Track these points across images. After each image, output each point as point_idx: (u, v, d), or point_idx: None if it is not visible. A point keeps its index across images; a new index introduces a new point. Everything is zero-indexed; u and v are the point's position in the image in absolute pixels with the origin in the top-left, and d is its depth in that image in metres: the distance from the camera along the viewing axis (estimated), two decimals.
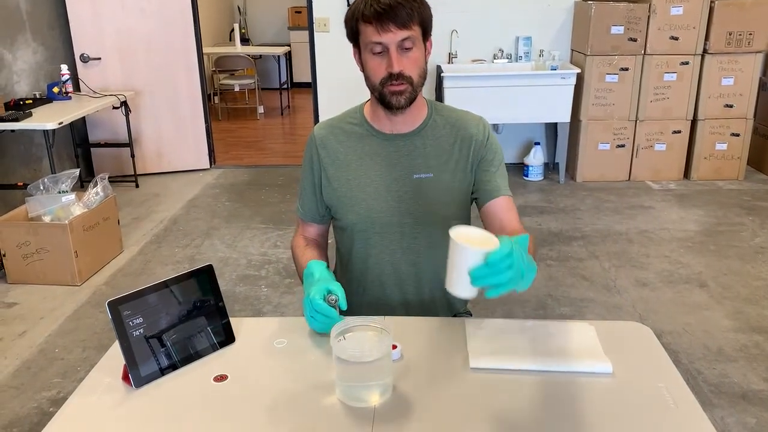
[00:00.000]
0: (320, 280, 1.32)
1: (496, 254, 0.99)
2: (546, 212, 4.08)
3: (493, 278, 1.00)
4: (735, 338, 2.63)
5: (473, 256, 1.00)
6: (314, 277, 1.34)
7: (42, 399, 2.36)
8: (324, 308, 1.24)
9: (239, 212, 4.19)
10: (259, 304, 3.00)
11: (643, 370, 1.20)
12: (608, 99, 4.47)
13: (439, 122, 1.49)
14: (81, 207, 3.30)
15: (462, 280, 1.02)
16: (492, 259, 0.99)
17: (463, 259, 1.02)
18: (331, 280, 1.32)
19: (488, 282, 1.00)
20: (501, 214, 1.45)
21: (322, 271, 1.36)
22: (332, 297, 1.26)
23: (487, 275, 1.00)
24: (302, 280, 1.43)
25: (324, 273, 1.35)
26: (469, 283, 1.01)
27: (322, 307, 1.24)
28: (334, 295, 1.27)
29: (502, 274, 0.99)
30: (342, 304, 1.27)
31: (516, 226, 1.44)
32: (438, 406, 1.09)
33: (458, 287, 1.04)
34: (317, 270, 1.36)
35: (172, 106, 4.94)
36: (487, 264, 1.00)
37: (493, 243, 1.02)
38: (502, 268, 0.99)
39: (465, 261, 1.01)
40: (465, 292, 1.04)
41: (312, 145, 1.52)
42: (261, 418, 1.08)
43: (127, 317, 1.19)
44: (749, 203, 4.16)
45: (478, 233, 1.08)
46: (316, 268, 1.37)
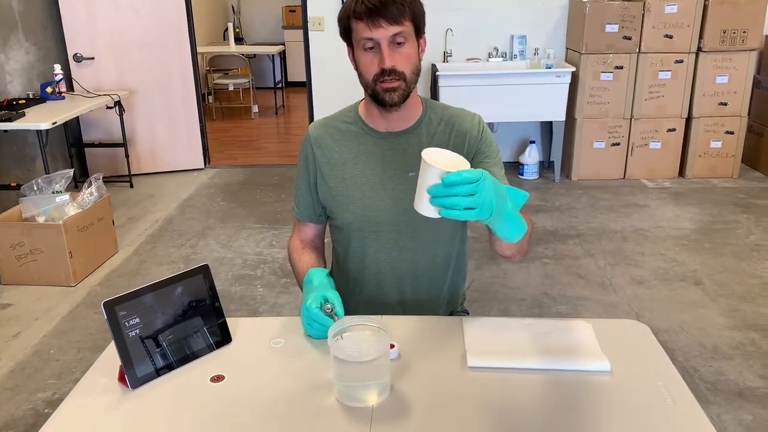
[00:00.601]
0: (318, 287, 1.32)
1: (454, 175, 0.99)
2: (541, 211, 4.08)
3: (447, 200, 1.00)
4: (731, 336, 2.64)
5: (433, 173, 1.01)
6: (313, 284, 1.34)
7: (37, 400, 2.34)
8: (319, 317, 1.24)
9: (234, 212, 4.18)
10: (255, 304, 2.99)
11: (641, 367, 1.20)
12: (603, 97, 4.48)
13: (434, 119, 1.49)
14: (75, 207, 3.28)
15: (423, 198, 1.03)
16: (448, 180, 0.99)
17: (424, 177, 1.02)
18: (329, 288, 1.32)
19: (443, 203, 1.00)
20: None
21: (321, 279, 1.35)
22: (328, 306, 1.25)
23: (442, 195, 1.00)
24: (301, 286, 1.43)
25: (323, 280, 1.35)
26: (428, 202, 1.02)
27: (318, 316, 1.25)
28: (330, 303, 1.26)
29: (458, 198, 0.99)
30: (339, 312, 1.25)
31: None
32: (436, 405, 1.09)
33: (420, 205, 1.05)
34: (316, 277, 1.36)
35: (166, 106, 4.92)
36: (444, 184, 0.99)
37: (461, 166, 1.01)
38: (459, 191, 0.99)
39: (425, 177, 1.02)
40: (426, 212, 1.04)
41: (307, 143, 1.52)
42: (258, 418, 1.07)
43: (123, 318, 1.18)
44: (744, 201, 4.17)
45: (450, 156, 1.07)
46: (315, 275, 1.36)
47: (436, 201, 1.01)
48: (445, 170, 0.99)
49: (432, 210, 1.03)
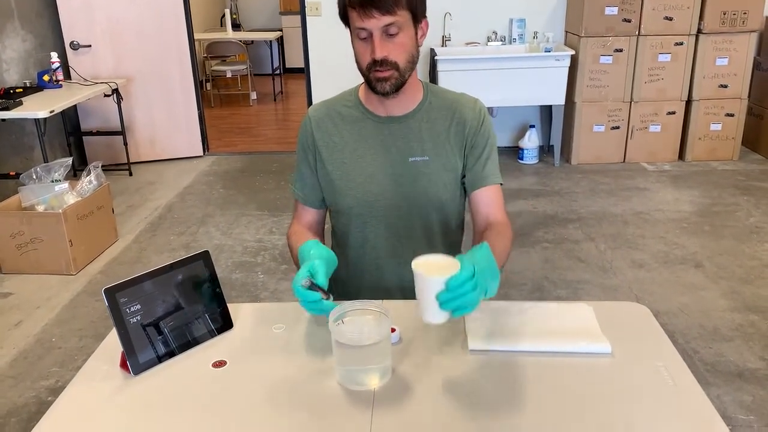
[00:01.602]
0: (307, 259, 1.24)
1: (456, 278, 1.02)
2: (541, 195, 4.07)
3: (457, 301, 1.03)
4: (731, 318, 2.65)
5: (435, 284, 1.04)
6: (304, 257, 1.26)
7: (40, 388, 2.35)
8: (303, 294, 1.17)
9: (234, 199, 4.17)
10: (255, 291, 2.99)
11: (641, 349, 1.20)
12: (603, 80, 4.46)
13: (435, 104, 1.48)
14: (74, 196, 3.28)
15: (430, 308, 1.06)
16: (453, 284, 1.02)
17: (426, 289, 1.05)
18: (316, 257, 1.23)
19: (454, 305, 1.03)
20: (487, 206, 1.46)
21: (313, 250, 1.26)
22: (305, 281, 1.17)
23: (451, 299, 1.03)
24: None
25: (314, 251, 1.26)
26: (438, 310, 1.05)
27: (302, 294, 1.17)
28: (308, 278, 1.17)
29: (466, 296, 1.03)
30: (320, 281, 1.18)
31: (500, 218, 1.45)
32: (437, 389, 1.09)
33: (428, 315, 1.07)
34: (307, 249, 1.27)
35: (164, 93, 4.90)
36: (449, 289, 1.03)
37: (454, 268, 1.05)
38: (465, 291, 1.02)
39: (428, 290, 1.05)
40: (436, 318, 1.07)
41: (307, 126, 1.50)
42: (260, 402, 1.08)
43: (123, 304, 1.18)
44: (744, 183, 4.17)
45: (439, 259, 1.10)
46: (309, 247, 1.28)
47: (448, 306, 1.04)
48: (445, 278, 1.03)
49: (443, 315, 1.06)
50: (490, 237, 1.36)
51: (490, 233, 1.39)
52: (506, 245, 1.37)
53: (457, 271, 1.03)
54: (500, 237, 1.37)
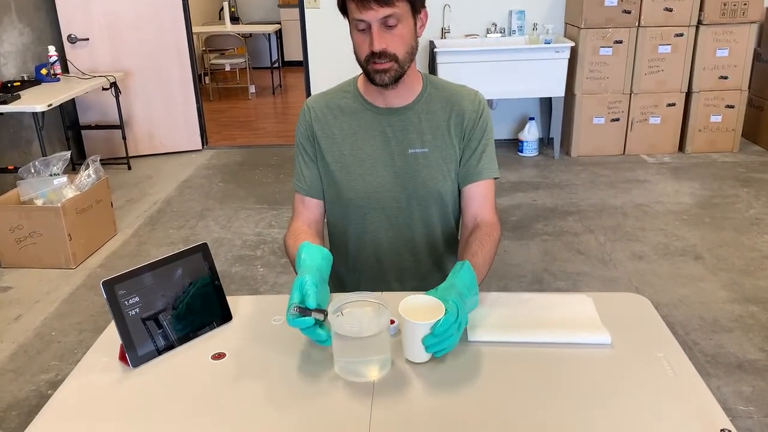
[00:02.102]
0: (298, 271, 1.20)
1: (442, 325, 1.07)
2: (541, 187, 4.07)
3: (442, 344, 1.09)
4: (731, 309, 2.65)
5: (422, 328, 1.09)
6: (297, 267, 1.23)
7: (40, 382, 2.35)
8: (295, 323, 1.10)
9: (233, 193, 4.17)
10: (255, 284, 2.99)
11: (641, 340, 1.20)
12: (602, 72, 4.45)
13: (434, 96, 1.47)
14: (73, 190, 3.27)
15: (416, 349, 1.11)
16: (439, 330, 1.07)
17: (412, 333, 1.11)
18: (306, 271, 1.17)
19: (438, 348, 1.09)
20: (477, 202, 1.47)
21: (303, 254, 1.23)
22: (293, 310, 1.10)
23: (436, 343, 1.08)
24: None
25: (306, 255, 1.22)
26: (423, 351, 1.11)
27: (295, 323, 1.10)
28: (295, 306, 1.11)
29: (451, 339, 1.09)
30: (309, 304, 1.12)
31: (488, 218, 1.45)
32: (437, 380, 1.09)
33: (413, 355, 1.13)
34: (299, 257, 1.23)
35: (162, 87, 4.88)
36: (434, 334, 1.08)
37: (439, 311, 1.09)
38: (450, 334, 1.08)
39: (414, 334, 1.10)
40: (420, 359, 1.13)
41: (306, 117, 1.49)
42: (260, 395, 1.08)
43: (122, 297, 1.18)
44: (744, 175, 4.16)
45: (425, 301, 1.14)
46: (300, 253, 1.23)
47: (433, 349, 1.09)
48: (431, 323, 1.08)
49: (425, 356, 1.12)
50: (474, 244, 1.36)
51: (475, 239, 1.38)
52: (490, 252, 1.37)
53: (443, 317, 1.08)
54: (485, 243, 1.36)
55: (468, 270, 1.19)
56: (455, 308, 1.10)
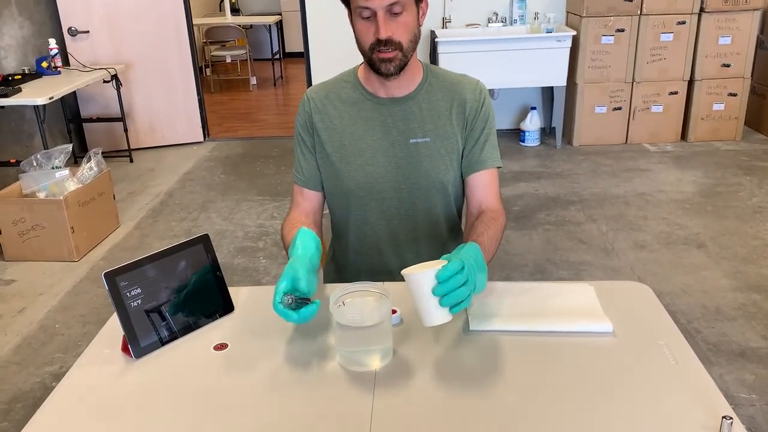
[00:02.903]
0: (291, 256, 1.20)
1: (445, 270, 1.03)
2: (543, 177, 4.06)
3: (451, 295, 1.04)
4: (733, 297, 2.64)
5: (426, 279, 1.04)
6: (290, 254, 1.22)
7: (44, 374, 2.37)
8: (285, 314, 1.11)
9: (235, 185, 4.17)
10: (258, 276, 3.00)
11: (643, 328, 1.19)
12: (604, 61, 4.43)
13: (435, 85, 1.46)
14: (75, 182, 3.28)
15: (430, 307, 1.05)
16: (442, 276, 1.03)
17: (419, 287, 1.05)
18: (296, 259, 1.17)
19: (450, 298, 1.04)
20: (481, 191, 1.46)
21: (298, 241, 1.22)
22: (287, 299, 1.11)
23: (446, 291, 1.03)
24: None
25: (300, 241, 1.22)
26: (437, 307, 1.05)
27: (282, 312, 1.11)
28: (289, 295, 1.12)
29: (459, 290, 1.04)
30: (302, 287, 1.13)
31: (493, 204, 1.45)
32: (438, 369, 1.09)
33: (429, 316, 1.06)
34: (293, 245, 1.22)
35: (163, 79, 4.87)
36: (440, 282, 1.03)
37: (442, 264, 1.06)
38: (457, 283, 1.03)
39: (421, 287, 1.05)
40: (439, 319, 1.06)
41: (306, 107, 1.49)
42: (262, 385, 1.08)
43: (124, 288, 1.18)
44: (747, 163, 4.15)
45: (426, 263, 1.11)
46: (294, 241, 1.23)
47: (445, 300, 1.04)
48: (436, 269, 1.04)
49: (441, 315, 1.06)
50: (479, 227, 1.36)
51: (480, 222, 1.38)
52: (496, 234, 1.36)
53: (445, 264, 1.04)
54: (490, 226, 1.36)
55: (473, 246, 1.15)
56: (459, 260, 1.05)
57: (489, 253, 1.29)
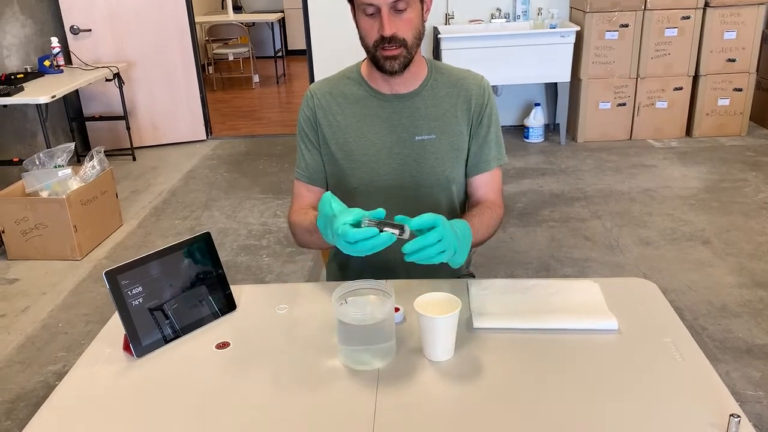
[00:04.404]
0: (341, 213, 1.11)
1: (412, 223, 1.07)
2: (547, 174, 4.04)
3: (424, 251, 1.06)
4: (739, 294, 2.63)
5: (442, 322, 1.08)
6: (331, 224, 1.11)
7: (48, 373, 2.36)
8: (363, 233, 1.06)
9: (238, 183, 4.16)
10: (261, 274, 2.99)
11: (648, 325, 1.18)
12: (608, 57, 4.40)
13: (440, 81, 1.45)
14: (78, 181, 3.27)
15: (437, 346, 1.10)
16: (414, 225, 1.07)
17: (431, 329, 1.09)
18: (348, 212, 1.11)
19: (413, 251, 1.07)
20: (484, 189, 1.48)
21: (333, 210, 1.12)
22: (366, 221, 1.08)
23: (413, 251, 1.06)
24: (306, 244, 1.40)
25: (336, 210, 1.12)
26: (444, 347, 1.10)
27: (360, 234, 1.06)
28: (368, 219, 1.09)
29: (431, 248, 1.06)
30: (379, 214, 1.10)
31: (493, 199, 1.47)
32: (442, 367, 1.08)
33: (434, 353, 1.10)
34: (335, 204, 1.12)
35: (166, 77, 4.87)
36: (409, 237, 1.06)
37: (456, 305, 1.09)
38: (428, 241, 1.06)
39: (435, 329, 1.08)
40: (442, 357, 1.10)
41: (309, 102, 1.47)
42: (264, 383, 1.07)
43: (125, 287, 1.17)
44: (752, 159, 4.12)
45: (441, 297, 1.12)
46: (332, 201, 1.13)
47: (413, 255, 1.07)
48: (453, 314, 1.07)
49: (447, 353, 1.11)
50: (474, 210, 1.38)
51: (476, 208, 1.41)
52: (489, 221, 1.38)
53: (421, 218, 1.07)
54: (485, 212, 1.38)
55: (462, 221, 1.18)
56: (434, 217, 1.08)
57: (477, 234, 1.29)
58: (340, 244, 1.09)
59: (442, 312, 1.07)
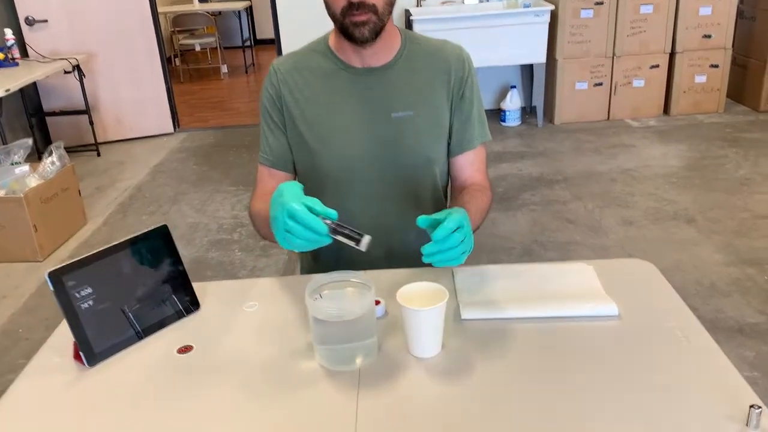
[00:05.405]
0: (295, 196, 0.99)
1: (441, 231, 0.98)
2: (526, 157, 3.96)
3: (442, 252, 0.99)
4: (727, 272, 2.57)
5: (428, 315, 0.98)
6: (284, 197, 0.99)
7: (8, 382, 2.20)
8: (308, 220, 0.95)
9: (207, 175, 4.01)
10: (233, 269, 2.86)
11: (650, 309, 1.10)
12: (584, 35, 4.32)
13: (415, 52, 1.34)
14: (37, 178, 3.11)
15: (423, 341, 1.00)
16: (438, 236, 0.97)
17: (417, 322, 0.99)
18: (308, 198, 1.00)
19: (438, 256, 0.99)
20: (469, 170, 1.38)
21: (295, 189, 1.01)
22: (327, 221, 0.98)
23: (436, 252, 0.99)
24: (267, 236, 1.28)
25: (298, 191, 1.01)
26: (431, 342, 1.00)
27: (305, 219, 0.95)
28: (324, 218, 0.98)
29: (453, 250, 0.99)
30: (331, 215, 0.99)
31: (481, 182, 1.37)
32: (429, 364, 0.98)
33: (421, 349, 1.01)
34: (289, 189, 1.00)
35: (129, 69, 4.68)
36: (435, 241, 0.98)
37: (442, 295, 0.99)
38: (451, 244, 0.98)
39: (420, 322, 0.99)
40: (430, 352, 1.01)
41: (273, 80, 1.34)
42: (233, 390, 0.96)
43: (72, 288, 1.05)
44: (731, 135, 4.08)
45: (424, 287, 1.03)
46: (287, 187, 1.01)
47: (432, 259, 0.99)
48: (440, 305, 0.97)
49: (434, 348, 1.01)
50: (465, 196, 1.28)
51: (466, 192, 1.31)
52: (482, 206, 1.29)
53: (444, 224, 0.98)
54: (476, 196, 1.28)
55: (461, 210, 1.04)
56: (457, 217, 1.00)
57: (473, 222, 1.19)
58: (279, 221, 0.96)
59: (427, 303, 0.97)
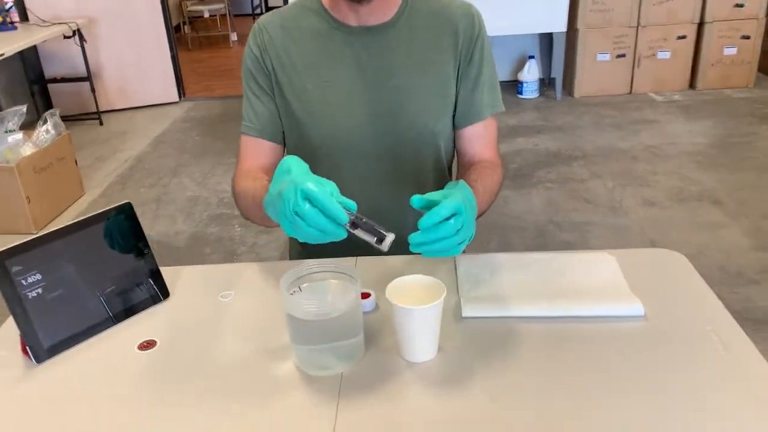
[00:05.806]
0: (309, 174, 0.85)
1: (430, 217, 0.83)
2: (543, 131, 3.81)
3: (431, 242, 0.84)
4: (756, 258, 2.42)
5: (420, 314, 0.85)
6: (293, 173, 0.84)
7: None
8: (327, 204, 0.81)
9: (210, 147, 3.89)
10: (232, 245, 2.74)
11: (681, 309, 0.96)
12: (607, 4, 4.13)
13: (418, 10, 1.18)
14: (31, 147, 3.00)
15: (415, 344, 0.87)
16: (424, 224, 0.83)
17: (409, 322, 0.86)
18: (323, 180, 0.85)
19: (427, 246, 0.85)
20: (478, 145, 1.23)
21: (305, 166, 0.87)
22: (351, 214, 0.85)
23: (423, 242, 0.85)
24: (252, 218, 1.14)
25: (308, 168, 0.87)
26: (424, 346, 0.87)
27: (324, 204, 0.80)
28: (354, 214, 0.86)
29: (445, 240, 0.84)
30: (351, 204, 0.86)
31: (489, 157, 1.23)
32: (421, 370, 0.86)
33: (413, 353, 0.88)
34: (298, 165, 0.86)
35: (132, 35, 4.55)
36: (423, 229, 0.84)
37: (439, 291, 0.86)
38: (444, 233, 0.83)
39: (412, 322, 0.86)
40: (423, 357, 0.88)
41: (258, 40, 1.19)
42: (198, 394, 0.84)
43: (17, 274, 0.93)
44: (761, 111, 3.90)
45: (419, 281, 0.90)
46: (296, 163, 0.86)
47: (421, 248, 0.85)
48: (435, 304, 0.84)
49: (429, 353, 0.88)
50: (473, 174, 1.14)
51: (474, 170, 1.16)
52: (492, 186, 1.15)
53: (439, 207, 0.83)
54: (486, 175, 1.14)
55: (465, 187, 0.90)
56: (455, 202, 0.83)
57: (481, 204, 1.06)
58: (289, 202, 0.80)
59: (421, 300, 0.84)
